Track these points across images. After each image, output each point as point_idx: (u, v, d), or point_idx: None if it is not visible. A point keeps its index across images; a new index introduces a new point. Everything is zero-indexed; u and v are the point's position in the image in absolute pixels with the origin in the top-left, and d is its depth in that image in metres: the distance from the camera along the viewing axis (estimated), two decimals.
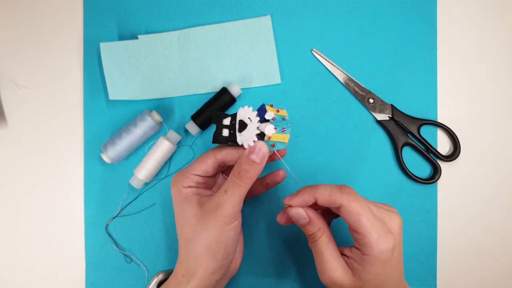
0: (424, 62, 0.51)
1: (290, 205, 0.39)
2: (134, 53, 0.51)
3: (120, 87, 0.51)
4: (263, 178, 0.44)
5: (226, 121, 0.37)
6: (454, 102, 0.52)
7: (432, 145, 0.50)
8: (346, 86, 0.51)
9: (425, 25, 0.52)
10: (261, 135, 0.36)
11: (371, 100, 0.51)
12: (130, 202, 0.51)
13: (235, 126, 0.37)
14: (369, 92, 0.51)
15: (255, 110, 0.37)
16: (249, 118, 0.37)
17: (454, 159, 0.50)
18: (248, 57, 0.51)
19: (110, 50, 0.50)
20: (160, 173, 0.51)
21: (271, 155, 0.39)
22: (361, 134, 0.51)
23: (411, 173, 0.50)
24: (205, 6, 0.52)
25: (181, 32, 0.51)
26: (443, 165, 0.51)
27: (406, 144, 0.50)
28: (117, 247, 0.51)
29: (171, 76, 0.51)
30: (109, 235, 0.51)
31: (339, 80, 0.51)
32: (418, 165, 0.51)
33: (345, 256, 0.38)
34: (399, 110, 0.50)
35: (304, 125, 0.51)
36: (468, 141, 0.51)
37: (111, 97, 0.50)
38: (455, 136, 0.50)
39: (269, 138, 0.36)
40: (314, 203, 0.38)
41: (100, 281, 0.51)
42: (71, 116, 0.52)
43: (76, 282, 0.51)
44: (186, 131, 0.51)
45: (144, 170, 0.49)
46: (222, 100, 0.49)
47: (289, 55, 0.51)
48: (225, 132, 0.37)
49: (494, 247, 0.51)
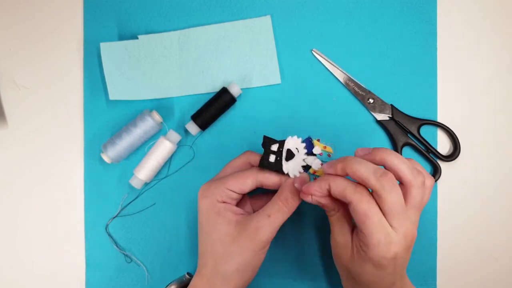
0: (424, 62, 0.51)
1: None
2: (134, 53, 0.51)
3: (120, 87, 0.51)
4: None
5: (274, 147, 0.39)
6: (454, 102, 0.52)
7: (432, 145, 0.50)
8: (346, 86, 0.51)
9: (425, 25, 0.52)
10: (306, 168, 0.39)
11: (371, 100, 0.51)
12: (130, 202, 0.51)
13: (282, 154, 0.39)
14: (369, 92, 0.51)
15: (303, 142, 0.39)
16: (297, 149, 0.39)
17: (454, 159, 0.50)
18: (248, 57, 0.51)
19: (110, 50, 0.50)
20: (160, 173, 0.51)
21: None
22: (361, 134, 0.51)
23: None
24: (205, 6, 0.52)
25: (181, 32, 0.51)
26: (443, 165, 0.51)
27: (406, 144, 0.50)
28: (117, 247, 0.51)
29: (171, 76, 0.51)
30: (109, 235, 0.51)
31: (339, 80, 0.51)
32: None
33: (354, 236, 0.39)
34: (399, 110, 0.50)
35: (304, 125, 0.51)
36: (468, 141, 0.51)
37: (111, 97, 0.50)
38: (455, 136, 0.50)
39: (314, 172, 0.38)
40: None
41: (100, 281, 0.51)
42: (71, 116, 0.52)
43: (76, 282, 0.51)
44: (186, 131, 0.51)
45: (144, 170, 0.49)
46: (222, 100, 0.49)
47: (289, 55, 0.51)
48: (272, 158, 0.39)
49: (494, 247, 0.51)
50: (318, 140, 0.40)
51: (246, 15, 0.51)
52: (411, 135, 0.50)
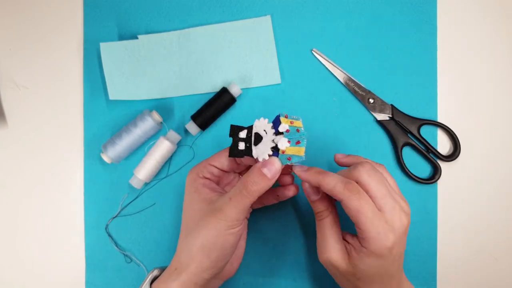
0: (424, 62, 0.51)
1: (300, 177, 0.39)
2: (134, 53, 0.51)
3: (120, 87, 0.51)
4: (275, 189, 0.44)
5: (242, 134, 0.37)
6: (454, 102, 0.52)
7: (432, 145, 0.50)
8: (346, 86, 0.51)
9: (425, 25, 0.52)
10: (276, 148, 0.35)
11: (371, 100, 0.51)
12: (130, 202, 0.51)
13: (251, 139, 0.37)
14: (369, 92, 0.51)
15: (271, 122, 0.37)
16: (265, 131, 0.36)
17: (454, 159, 0.50)
18: (248, 57, 0.51)
19: (110, 50, 0.50)
20: (160, 173, 0.51)
21: (287, 168, 0.39)
22: (361, 134, 0.51)
23: (411, 173, 0.50)
24: (205, 6, 0.52)
25: (181, 32, 0.51)
26: (443, 165, 0.51)
27: (406, 144, 0.50)
28: (117, 247, 0.51)
29: (171, 76, 0.51)
30: (109, 235, 0.51)
31: (339, 80, 0.51)
32: (418, 165, 0.51)
33: (346, 242, 0.39)
34: (399, 110, 0.50)
35: (304, 125, 0.51)
36: (468, 141, 0.51)
37: (111, 97, 0.50)
38: (455, 136, 0.50)
39: (284, 152, 0.35)
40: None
41: (100, 281, 0.51)
42: (71, 116, 0.52)
43: (76, 282, 0.51)
44: (186, 131, 0.51)
45: (144, 170, 0.49)
46: (222, 100, 0.49)
47: (289, 55, 0.51)
48: (241, 146, 0.37)
49: (494, 247, 0.51)
50: (286, 116, 0.36)
51: (246, 15, 0.51)
52: (411, 135, 0.50)
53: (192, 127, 0.49)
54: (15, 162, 0.52)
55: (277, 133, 0.36)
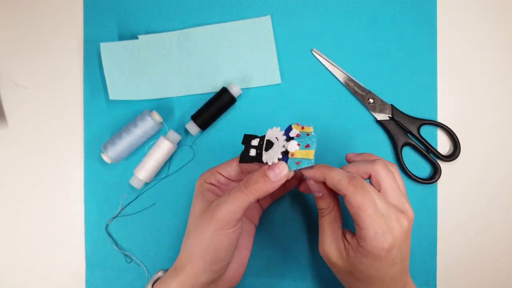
0: (424, 62, 0.51)
1: (304, 175, 0.39)
2: (134, 53, 0.51)
3: (120, 87, 0.51)
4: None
5: (255, 142, 0.38)
6: (454, 102, 0.52)
7: (432, 145, 0.50)
8: (346, 86, 0.51)
9: (425, 25, 0.52)
10: (286, 153, 0.36)
11: (371, 100, 0.51)
12: (130, 202, 0.51)
13: (263, 147, 0.38)
14: (369, 92, 0.51)
15: (283, 130, 0.38)
16: (276, 138, 0.37)
17: (454, 159, 0.50)
18: (248, 57, 0.51)
19: (110, 50, 0.50)
20: (160, 173, 0.51)
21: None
22: (361, 134, 0.51)
23: (411, 173, 0.50)
24: (205, 6, 0.52)
25: (181, 32, 0.51)
26: (443, 165, 0.51)
27: (406, 144, 0.50)
28: (117, 247, 0.51)
29: (171, 76, 0.51)
30: (109, 235, 0.51)
31: (339, 80, 0.51)
32: (418, 165, 0.51)
33: (346, 240, 0.39)
34: (399, 110, 0.50)
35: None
36: (468, 141, 0.51)
37: (111, 97, 0.50)
38: (455, 136, 0.50)
39: (293, 155, 0.36)
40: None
41: (100, 281, 0.51)
42: (71, 116, 0.52)
43: (76, 282, 0.51)
44: (186, 131, 0.51)
45: (144, 170, 0.49)
46: (222, 100, 0.49)
47: (289, 55, 0.51)
48: (252, 152, 0.38)
49: (494, 247, 0.51)
50: (298, 124, 0.38)
51: (246, 15, 0.51)
52: (411, 135, 0.50)
53: (192, 127, 0.49)
54: (15, 162, 0.52)
55: (288, 139, 0.37)
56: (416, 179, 0.50)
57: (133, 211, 0.51)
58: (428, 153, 0.50)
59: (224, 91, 0.49)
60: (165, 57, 0.51)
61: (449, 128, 0.50)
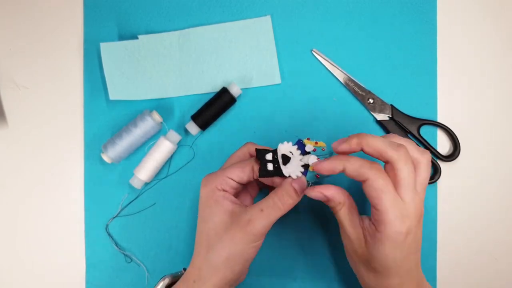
0: (424, 62, 0.51)
1: (320, 171, 0.38)
2: (134, 53, 0.51)
3: (120, 87, 0.51)
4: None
5: (269, 156, 0.40)
6: (454, 102, 0.52)
7: (432, 145, 0.50)
8: (346, 86, 0.51)
9: (425, 25, 0.52)
10: (305, 167, 0.39)
11: (371, 100, 0.51)
12: (130, 202, 0.51)
13: (278, 160, 0.39)
14: (369, 92, 0.51)
15: (295, 145, 0.40)
16: (291, 152, 0.39)
17: (454, 159, 0.50)
18: (248, 57, 0.51)
19: (110, 50, 0.50)
20: (160, 173, 0.51)
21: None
22: None
23: None
24: (205, 6, 0.52)
25: (181, 32, 0.51)
26: (443, 165, 0.51)
27: None
28: (117, 247, 0.51)
29: (171, 76, 0.51)
30: (109, 235, 0.51)
31: (339, 80, 0.51)
32: None
33: (363, 227, 0.39)
34: (399, 110, 0.50)
35: (304, 125, 0.51)
36: (468, 141, 0.51)
37: (111, 97, 0.50)
38: (455, 136, 0.50)
39: (313, 169, 0.38)
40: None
41: (100, 281, 0.51)
42: (71, 116, 0.52)
43: (76, 282, 0.51)
44: (186, 131, 0.51)
45: (144, 170, 0.49)
46: (222, 100, 0.49)
47: (289, 55, 0.51)
48: (270, 167, 0.39)
49: (494, 247, 0.51)
50: (308, 139, 0.40)
51: (246, 15, 0.51)
52: (411, 135, 0.50)
53: (192, 127, 0.49)
54: (15, 162, 0.52)
55: (304, 153, 0.39)
56: None
57: (133, 211, 0.51)
58: None
59: (224, 91, 0.49)
60: (165, 57, 0.51)
61: (449, 128, 0.50)
